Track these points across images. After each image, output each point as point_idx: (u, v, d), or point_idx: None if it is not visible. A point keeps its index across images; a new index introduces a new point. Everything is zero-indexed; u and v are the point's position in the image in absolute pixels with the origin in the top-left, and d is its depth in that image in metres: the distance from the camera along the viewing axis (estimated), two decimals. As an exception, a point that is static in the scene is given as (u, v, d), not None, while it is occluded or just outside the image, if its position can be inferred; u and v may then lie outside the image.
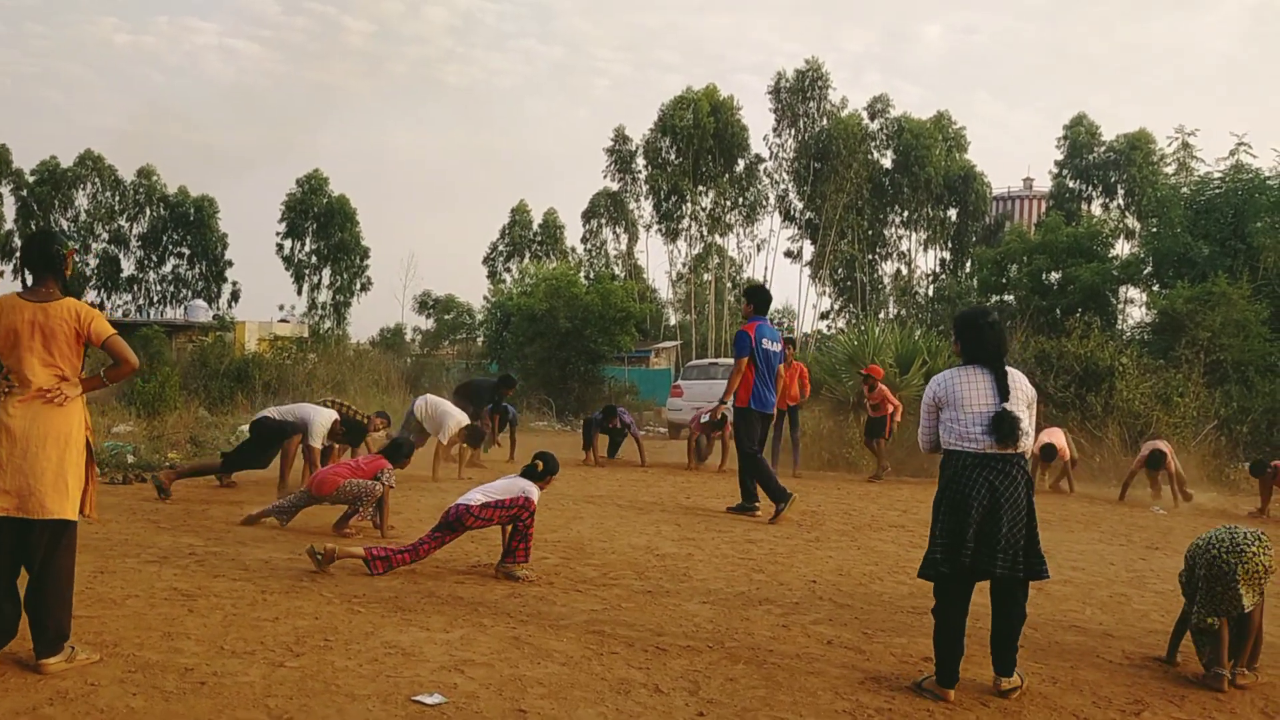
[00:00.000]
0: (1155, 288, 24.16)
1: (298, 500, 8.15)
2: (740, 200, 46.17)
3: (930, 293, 46.68)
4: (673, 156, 43.99)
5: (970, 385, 4.70)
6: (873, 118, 45.55)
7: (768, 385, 9.99)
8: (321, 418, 9.66)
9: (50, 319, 4.44)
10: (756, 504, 10.03)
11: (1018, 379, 4.76)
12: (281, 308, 48.27)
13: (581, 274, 37.25)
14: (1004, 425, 4.57)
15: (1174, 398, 16.21)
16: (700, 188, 44.87)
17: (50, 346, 4.43)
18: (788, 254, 48.39)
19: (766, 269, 71.40)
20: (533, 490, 6.70)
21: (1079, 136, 44.16)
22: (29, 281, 4.54)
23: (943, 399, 4.77)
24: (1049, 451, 12.62)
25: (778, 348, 10.20)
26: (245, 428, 9.58)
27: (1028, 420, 4.71)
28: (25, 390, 4.40)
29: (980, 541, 4.55)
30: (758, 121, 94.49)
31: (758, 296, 10.39)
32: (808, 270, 47.23)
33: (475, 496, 6.64)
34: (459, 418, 11.84)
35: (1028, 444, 4.70)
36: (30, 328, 4.41)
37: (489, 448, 11.04)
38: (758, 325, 10.04)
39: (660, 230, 46.09)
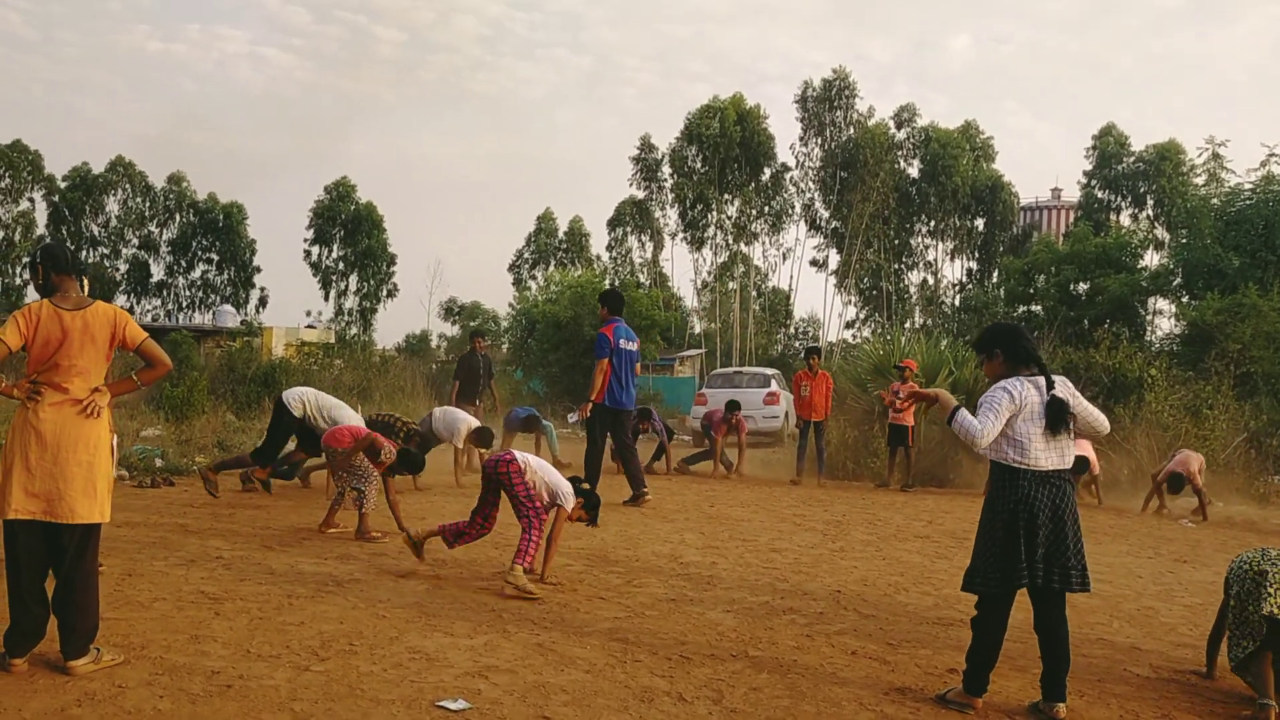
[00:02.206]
0: (1185, 299, 23.95)
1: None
2: (766, 209, 46.08)
3: (957, 303, 46.42)
4: (699, 165, 43.96)
5: (1035, 395, 4.56)
6: (899, 127, 45.37)
7: (623, 384, 10.54)
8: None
9: (90, 325, 4.44)
10: (646, 491, 10.66)
11: (1062, 381, 4.66)
12: (309, 313, 48.45)
13: (606, 282, 37.29)
14: (1055, 409, 4.49)
15: (1203, 410, 16.03)
16: (726, 196, 44.81)
17: (90, 352, 4.43)
18: (813, 263, 48.24)
19: (792, 278, 71.66)
20: (567, 500, 6.69)
21: (1108, 147, 43.76)
22: (51, 286, 4.46)
23: (1019, 405, 4.53)
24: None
25: (634, 346, 10.78)
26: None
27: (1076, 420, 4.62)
28: (57, 396, 4.40)
29: (1049, 561, 4.46)
30: (784, 130, 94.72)
31: (612, 300, 10.98)
32: (833, 279, 47.09)
33: (530, 463, 6.67)
34: (470, 422, 12.13)
35: (1071, 458, 4.60)
36: (76, 335, 4.39)
37: (485, 399, 11.71)
38: (615, 326, 10.55)
39: (685, 239, 46.06)
